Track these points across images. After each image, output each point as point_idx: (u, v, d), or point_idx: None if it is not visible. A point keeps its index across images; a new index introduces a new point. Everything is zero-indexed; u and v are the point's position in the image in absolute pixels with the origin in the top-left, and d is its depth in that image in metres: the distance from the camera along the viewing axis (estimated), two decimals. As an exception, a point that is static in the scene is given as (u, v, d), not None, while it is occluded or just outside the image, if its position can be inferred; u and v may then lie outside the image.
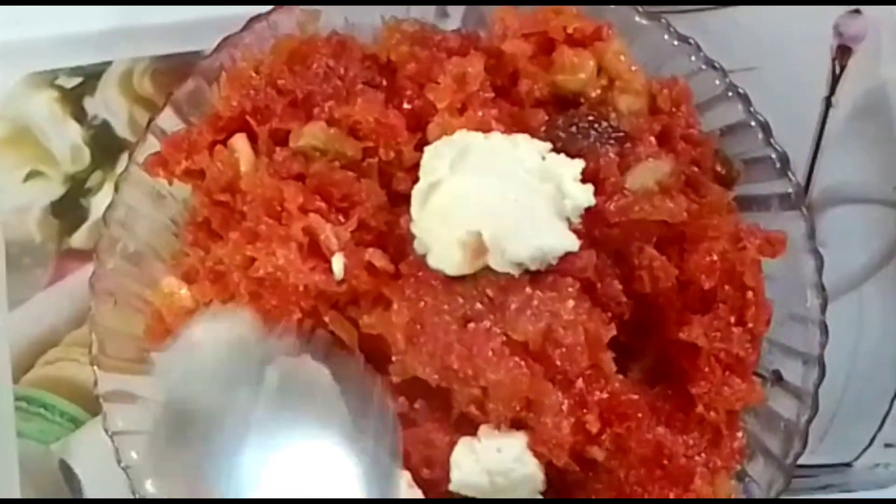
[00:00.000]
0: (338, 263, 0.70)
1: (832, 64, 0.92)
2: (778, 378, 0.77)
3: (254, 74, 0.77)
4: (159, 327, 0.77)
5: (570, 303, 0.70)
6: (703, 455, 0.73)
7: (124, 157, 0.92)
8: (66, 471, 0.90)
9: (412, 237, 0.72)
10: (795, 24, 0.93)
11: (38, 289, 0.93)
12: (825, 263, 0.78)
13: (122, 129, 0.95)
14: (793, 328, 0.76)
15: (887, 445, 0.88)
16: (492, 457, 0.70)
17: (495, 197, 0.70)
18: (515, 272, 0.70)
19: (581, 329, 0.69)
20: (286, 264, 0.71)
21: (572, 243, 0.70)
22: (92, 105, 0.95)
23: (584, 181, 0.72)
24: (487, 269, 0.70)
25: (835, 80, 0.92)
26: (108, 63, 0.95)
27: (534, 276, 0.70)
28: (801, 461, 0.76)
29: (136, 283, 0.80)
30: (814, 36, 0.93)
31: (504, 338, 0.69)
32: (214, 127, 0.77)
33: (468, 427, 0.71)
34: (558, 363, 0.69)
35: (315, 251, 0.71)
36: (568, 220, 0.71)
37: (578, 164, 0.72)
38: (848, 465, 0.88)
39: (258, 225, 0.72)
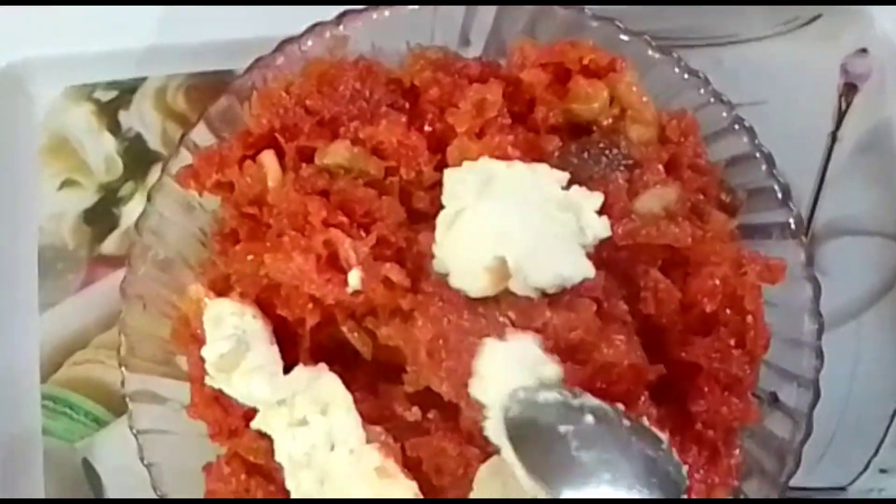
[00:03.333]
0: (354, 277, 0.74)
1: (838, 100, 0.95)
2: (774, 399, 0.79)
3: (284, 94, 0.81)
4: (185, 331, 0.80)
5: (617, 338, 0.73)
6: (700, 471, 0.75)
7: (155, 169, 0.96)
8: (89, 469, 0.93)
9: (431, 254, 0.75)
10: (804, 61, 0.96)
11: (69, 293, 0.96)
12: (827, 292, 0.81)
13: (154, 143, 0.98)
14: (790, 352, 0.78)
15: (882, 471, 0.90)
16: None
17: (519, 225, 0.73)
18: (534, 295, 0.73)
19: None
20: (300, 274, 0.74)
21: (590, 271, 0.74)
22: (126, 118, 0.99)
23: (594, 207, 0.75)
24: (507, 291, 0.73)
25: (840, 115, 0.95)
26: (144, 78, 0.99)
27: (551, 299, 0.74)
28: (797, 483, 0.79)
29: (165, 288, 0.83)
30: (821, 73, 0.95)
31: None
32: (245, 143, 0.80)
33: (480, 438, 0.74)
34: None
35: (335, 264, 0.74)
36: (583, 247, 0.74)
37: (598, 197, 0.75)
38: (843, 489, 0.90)
39: (282, 237, 0.76)
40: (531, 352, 0.72)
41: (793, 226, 0.80)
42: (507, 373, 0.71)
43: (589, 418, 0.70)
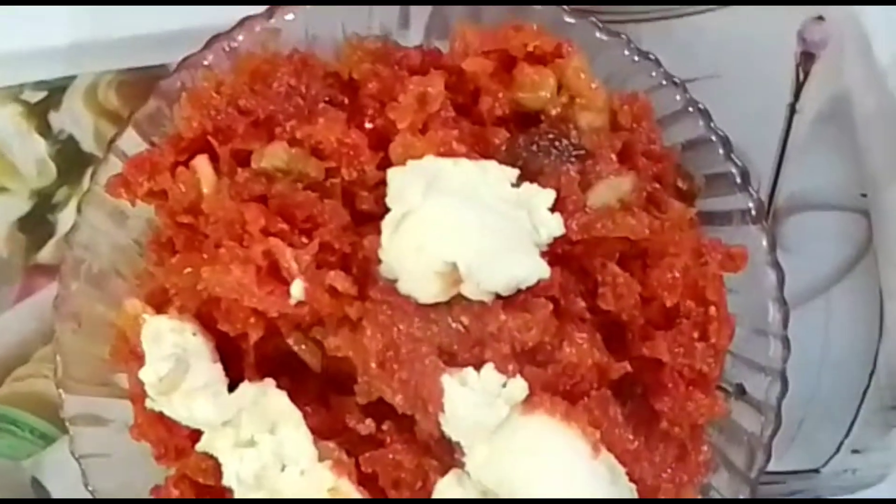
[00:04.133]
0: (297, 288, 0.70)
1: (796, 70, 0.93)
2: (741, 392, 0.77)
3: (215, 94, 0.77)
4: (124, 348, 0.76)
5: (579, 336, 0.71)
6: (668, 471, 0.73)
7: (90, 172, 0.93)
8: (38, 488, 0.90)
9: (377, 259, 0.72)
10: (759, 31, 0.93)
11: (6, 306, 0.93)
12: (792, 269, 0.79)
13: (87, 144, 0.95)
14: (755, 342, 0.77)
15: (854, 451, 0.89)
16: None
17: (470, 227, 0.70)
18: (488, 299, 0.70)
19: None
20: (239, 287, 0.70)
21: (545, 271, 0.71)
22: (57, 119, 0.95)
23: (545, 201, 0.72)
24: (459, 295, 0.71)
25: (799, 86, 0.92)
26: (73, 77, 0.95)
27: (506, 301, 0.71)
28: (769, 468, 0.77)
29: (101, 304, 0.80)
30: (778, 43, 0.93)
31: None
32: (176, 148, 0.77)
33: (437, 449, 0.72)
34: None
35: (276, 275, 0.71)
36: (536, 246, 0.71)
37: (551, 194, 0.72)
38: (816, 471, 0.89)
39: (219, 247, 0.72)
40: (491, 376, 0.69)
41: (754, 211, 0.78)
42: (474, 405, 0.68)
43: None
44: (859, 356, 0.90)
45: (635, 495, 0.70)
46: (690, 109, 0.79)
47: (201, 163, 0.76)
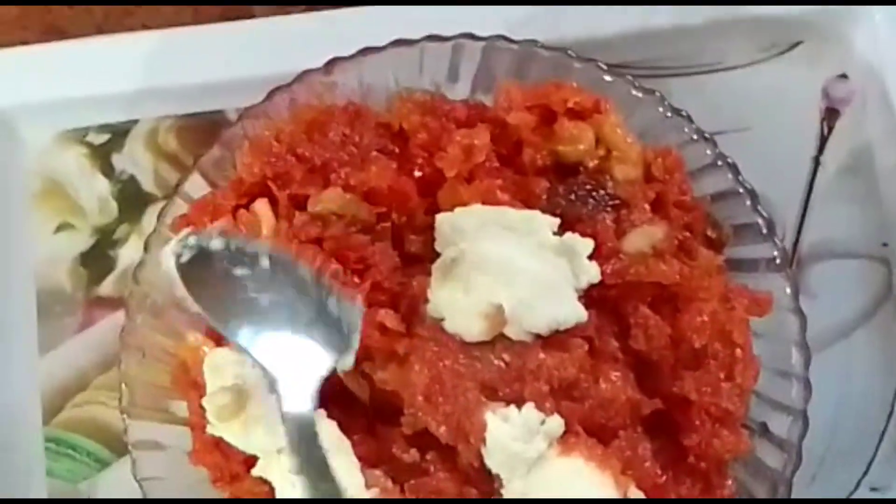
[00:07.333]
0: (349, 326, 0.74)
1: (821, 125, 0.96)
2: (765, 430, 0.80)
3: (275, 143, 0.81)
4: (185, 378, 0.80)
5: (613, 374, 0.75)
6: (694, 503, 0.77)
7: (150, 211, 0.98)
8: (93, 510, 0.93)
9: (425, 298, 0.76)
10: (786, 87, 0.97)
11: (67, 335, 0.96)
12: (816, 313, 0.82)
13: (147, 184, 0.99)
14: (779, 383, 0.79)
15: (873, 489, 0.91)
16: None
17: (515, 272, 0.74)
18: (528, 339, 0.75)
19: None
20: None
21: (583, 315, 0.75)
22: (119, 161, 1.00)
23: (582, 247, 0.77)
24: (501, 334, 0.75)
25: (823, 140, 0.96)
26: (135, 121, 1.00)
27: (545, 341, 0.75)
28: (789, 505, 0.80)
29: (163, 336, 0.83)
30: (803, 99, 0.97)
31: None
32: (238, 192, 0.81)
33: (477, 479, 0.75)
34: None
35: (330, 312, 0.75)
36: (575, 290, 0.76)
37: (590, 243, 0.76)
38: (835, 509, 0.91)
39: (278, 287, 0.76)
40: (532, 414, 0.73)
41: (778, 260, 0.81)
42: (514, 440, 0.72)
43: (265, 262, 0.73)
44: (878, 398, 0.92)
45: None
46: (719, 163, 0.82)
47: (261, 206, 0.80)
